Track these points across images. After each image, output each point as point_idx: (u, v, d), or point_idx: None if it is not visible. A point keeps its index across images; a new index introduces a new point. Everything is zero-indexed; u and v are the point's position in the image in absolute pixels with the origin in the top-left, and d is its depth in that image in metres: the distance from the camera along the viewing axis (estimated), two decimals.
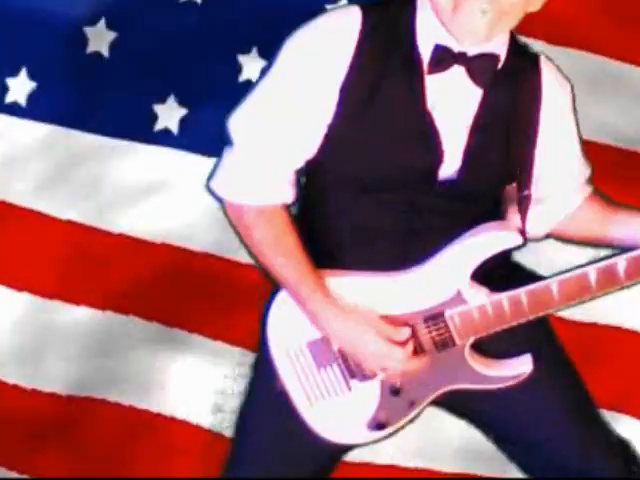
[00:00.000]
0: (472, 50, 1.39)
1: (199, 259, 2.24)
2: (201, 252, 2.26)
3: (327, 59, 1.40)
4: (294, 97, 1.42)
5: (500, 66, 1.44)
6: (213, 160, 2.10)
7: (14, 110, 2.24)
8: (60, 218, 2.25)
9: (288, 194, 1.46)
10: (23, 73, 2.24)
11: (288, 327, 1.47)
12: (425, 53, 1.40)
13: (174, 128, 2.25)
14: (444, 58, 1.40)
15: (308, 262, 1.44)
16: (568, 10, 2.01)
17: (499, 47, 1.43)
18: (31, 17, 2.24)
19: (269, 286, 1.51)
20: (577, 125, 1.55)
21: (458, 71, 1.40)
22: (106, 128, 2.25)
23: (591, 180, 1.59)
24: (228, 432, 1.76)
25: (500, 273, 1.47)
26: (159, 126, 2.24)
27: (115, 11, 2.25)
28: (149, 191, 2.28)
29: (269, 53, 2.15)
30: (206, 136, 2.16)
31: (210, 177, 1.51)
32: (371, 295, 1.45)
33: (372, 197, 1.44)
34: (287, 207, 1.47)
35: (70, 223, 2.25)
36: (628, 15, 2.18)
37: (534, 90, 1.48)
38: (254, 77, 2.15)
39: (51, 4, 2.24)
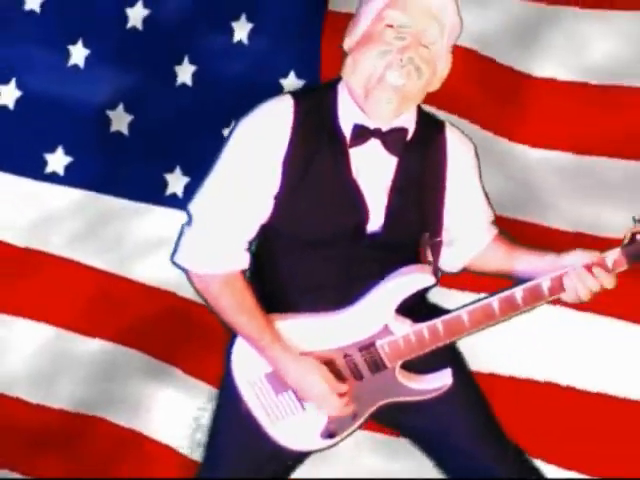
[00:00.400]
0: (385, 126, 1.63)
1: (190, 305, 2.39)
2: (191, 300, 2.45)
3: (269, 141, 1.62)
4: (244, 176, 1.62)
5: (410, 137, 1.67)
6: None
7: (53, 179, 2.68)
8: (87, 265, 2.63)
9: (245, 260, 1.67)
10: (60, 149, 2.68)
11: (248, 363, 1.70)
12: (347, 131, 1.64)
13: (180, 193, 2.64)
14: (362, 134, 1.63)
15: (265, 318, 1.65)
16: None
17: (408, 121, 1.67)
18: (65, 103, 2.66)
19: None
20: (480, 178, 1.79)
21: (375, 144, 1.63)
22: (127, 193, 2.65)
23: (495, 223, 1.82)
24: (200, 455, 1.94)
25: (420, 307, 1.70)
26: (169, 191, 2.64)
27: (130, 96, 2.66)
28: (160, 245, 2.54)
29: None
30: None
31: (174, 252, 1.69)
32: (314, 332, 1.67)
33: (314, 252, 1.65)
34: (243, 271, 1.68)
35: (95, 270, 2.63)
36: (495, 88, 2.36)
37: (441, 154, 1.71)
38: None
39: (80, 92, 2.66)
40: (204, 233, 1.65)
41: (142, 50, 2.67)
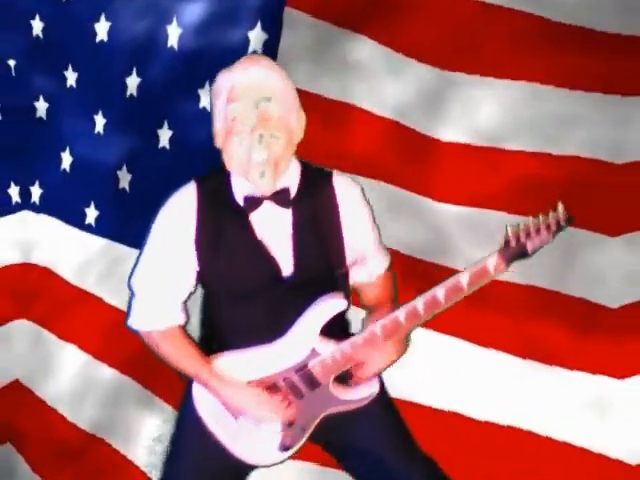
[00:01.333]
0: (271, 190, 1.87)
1: None
2: None
3: (179, 225, 1.90)
4: (166, 255, 1.91)
5: (295, 191, 1.91)
6: None
7: (90, 229, 3.23)
8: (107, 302, 3.11)
9: (180, 317, 1.96)
10: (92, 204, 3.22)
11: (207, 395, 1.97)
12: (241, 202, 1.89)
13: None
14: (253, 202, 1.88)
15: (202, 358, 1.93)
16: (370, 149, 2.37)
17: (289, 180, 1.90)
18: (94, 166, 3.18)
19: None
20: (372, 214, 2.00)
21: (268, 204, 1.88)
22: (130, 241, 3.00)
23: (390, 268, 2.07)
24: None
25: (343, 327, 1.99)
26: None
27: (129, 158, 3.07)
28: None
29: None
30: None
31: (126, 318, 2.01)
32: (255, 363, 1.93)
33: (243, 301, 1.90)
34: (181, 326, 1.97)
35: (112, 307, 3.07)
36: (407, 152, 2.56)
37: (331, 197, 1.93)
38: None
39: (102, 156, 3.15)
40: (143, 301, 1.96)
41: (136, 116, 3.05)
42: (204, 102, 2.84)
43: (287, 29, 2.70)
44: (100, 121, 3.15)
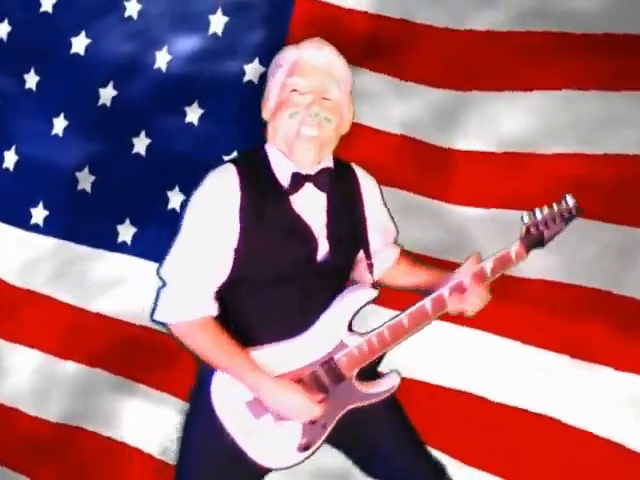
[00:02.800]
0: (312, 171, 1.88)
1: (150, 332, 2.68)
2: (153, 328, 2.67)
3: (225, 203, 1.82)
4: (206, 238, 1.82)
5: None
6: (155, 264, 2.93)
7: (37, 229, 3.25)
8: (60, 300, 3.13)
9: (214, 308, 1.85)
10: (40, 204, 3.25)
11: (228, 395, 1.87)
12: (284, 180, 1.87)
13: (129, 241, 3.10)
14: (298, 180, 1.87)
15: (241, 350, 1.83)
16: (381, 162, 2.46)
17: (329, 162, 1.93)
18: (46, 166, 3.24)
19: None
20: (384, 202, 2.05)
21: (308, 186, 1.88)
22: (88, 240, 3.16)
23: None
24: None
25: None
26: (120, 239, 3.11)
27: (95, 160, 3.19)
28: (115, 284, 3.08)
29: (187, 190, 3.00)
30: (150, 247, 2.93)
31: (153, 312, 1.87)
32: (281, 358, 1.86)
33: (272, 290, 1.84)
34: (214, 317, 1.85)
35: (66, 305, 3.12)
36: (425, 163, 2.71)
37: (355, 185, 1.98)
38: (177, 207, 3.02)
39: (57, 157, 3.23)
40: (176, 290, 1.85)
41: (108, 123, 3.19)
42: (190, 118, 3.05)
43: None
44: (60, 124, 3.25)
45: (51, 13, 3.26)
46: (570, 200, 1.86)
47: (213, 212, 1.84)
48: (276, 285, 1.85)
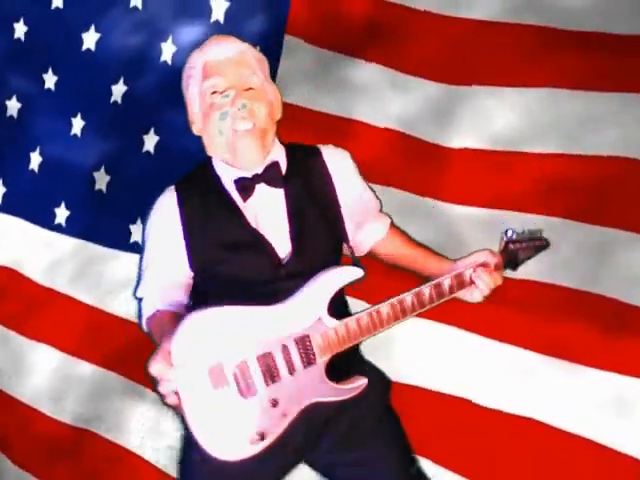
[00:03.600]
0: (261, 168, 1.81)
1: None
2: None
3: (164, 223, 1.86)
4: (158, 253, 1.88)
5: (285, 169, 1.84)
6: None
7: (60, 229, 3.27)
8: (80, 300, 3.15)
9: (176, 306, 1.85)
10: (63, 204, 3.27)
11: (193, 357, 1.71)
12: (231, 189, 1.82)
13: (141, 241, 3.06)
14: (245, 185, 1.80)
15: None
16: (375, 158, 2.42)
17: (278, 157, 1.85)
18: (67, 166, 3.26)
19: None
20: (362, 177, 1.96)
21: (260, 188, 1.81)
22: (104, 240, 3.15)
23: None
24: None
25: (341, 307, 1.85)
26: (132, 239, 3.08)
27: (109, 160, 3.17)
28: (128, 285, 2.91)
29: None
30: None
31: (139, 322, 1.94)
32: (249, 322, 1.73)
33: (240, 295, 1.74)
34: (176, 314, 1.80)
35: (85, 305, 3.13)
36: (418, 160, 2.64)
37: (323, 171, 1.87)
38: None
39: (76, 157, 3.23)
40: (147, 285, 1.92)
41: (120, 121, 3.15)
42: None
43: (286, 54, 2.79)
44: (78, 124, 3.24)
45: (62, 8, 3.24)
46: (542, 232, 1.87)
47: (158, 234, 1.88)
48: (242, 293, 1.76)
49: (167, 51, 3.05)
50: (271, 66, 2.70)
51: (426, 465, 2.16)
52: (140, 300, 1.93)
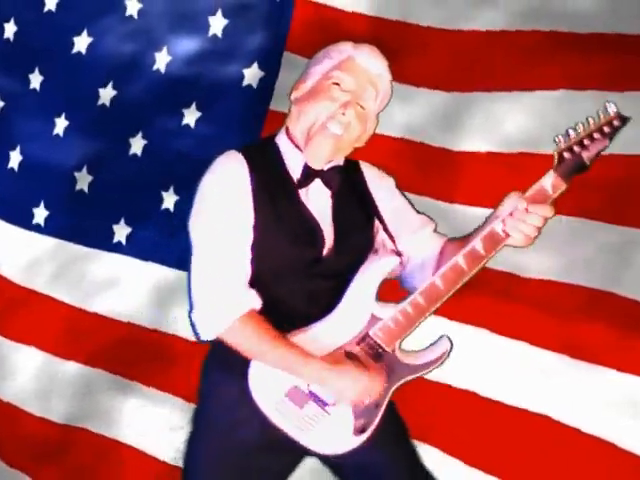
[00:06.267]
0: (325, 167, 1.86)
1: (148, 332, 2.92)
2: (149, 327, 2.95)
3: (237, 193, 1.77)
4: (225, 233, 1.75)
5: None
6: (148, 263, 2.87)
7: (39, 229, 3.26)
8: (60, 300, 3.14)
9: (249, 299, 1.75)
10: (42, 204, 3.26)
11: (268, 386, 1.79)
12: (294, 173, 1.84)
13: (124, 241, 3.10)
14: (309, 174, 1.84)
15: (287, 343, 1.74)
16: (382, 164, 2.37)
17: (339, 161, 1.91)
18: (47, 166, 3.25)
19: (200, 350, 1.93)
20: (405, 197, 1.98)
21: (317, 182, 1.86)
22: (85, 240, 3.16)
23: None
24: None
25: None
26: (115, 239, 3.11)
27: (92, 161, 3.19)
28: (110, 284, 3.09)
29: (182, 191, 2.98)
30: (143, 247, 3.06)
31: (197, 336, 1.80)
32: (313, 341, 1.76)
33: (275, 283, 1.79)
34: (257, 311, 1.76)
35: (66, 305, 3.13)
36: (428, 161, 2.69)
37: (362, 184, 1.94)
38: (171, 207, 3.03)
39: (58, 157, 3.23)
40: (205, 305, 1.76)
41: (106, 124, 3.19)
42: (188, 120, 3.04)
43: (285, 70, 2.84)
44: (61, 124, 3.26)
45: (54, 12, 3.27)
46: (611, 108, 1.63)
47: (226, 203, 1.78)
48: (277, 280, 1.79)
49: (161, 60, 3.11)
50: (270, 81, 2.88)
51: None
52: (197, 311, 1.78)
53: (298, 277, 1.81)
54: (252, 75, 2.95)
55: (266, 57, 2.91)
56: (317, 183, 1.86)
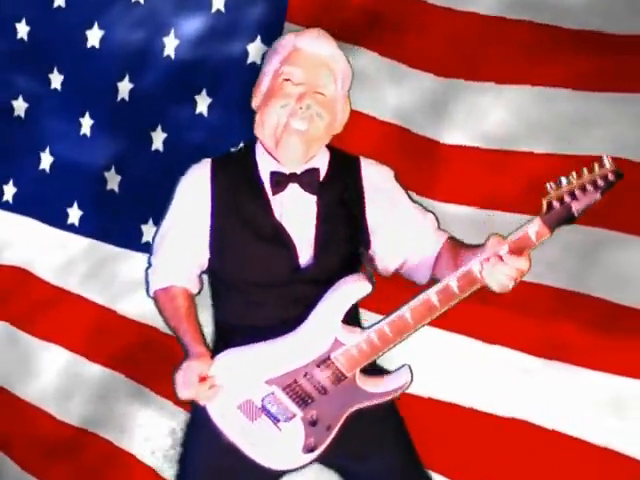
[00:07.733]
0: (298, 170, 1.79)
1: (165, 337, 2.81)
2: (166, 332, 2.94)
3: (194, 198, 1.82)
4: (181, 224, 1.84)
5: (323, 176, 1.81)
6: None
7: (73, 229, 3.25)
8: (91, 300, 3.13)
9: (187, 283, 1.84)
10: (75, 204, 3.24)
11: (220, 397, 1.75)
12: (265, 179, 1.80)
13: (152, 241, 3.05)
14: (279, 180, 1.78)
15: (193, 322, 1.81)
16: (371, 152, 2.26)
17: (319, 162, 1.82)
18: (78, 166, 3.22)
19: None
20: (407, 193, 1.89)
21: (294, 187, 1.78)
22: (116, 240, 3.13)
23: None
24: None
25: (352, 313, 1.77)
26: (144, 240, 3.05)
27: (119, 160, 3.13)
28: (138, 286, 3.00)
29: None
30: None
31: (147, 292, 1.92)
32: (269, 360, 1.74)
33: (254, 293, 1.77)
34: (190, 295, 1.85)
35: (96, 305, 3.11)
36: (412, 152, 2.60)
37: (356, 184, 1.82)
38: None
39: (87, 157, 3.20)
40: (155, 267, 1.90)
41: (128, 119, 3.11)
42: (200, 108, 2.95)
43: None
44: (87, 123, 3.21)
45: (64, 7, 3.20)
46: (607, 163, 1.55)
47: (186, 203, 1.85)
48: (256, 290, 1.77)
49: (170, 45, 3.02)
50: None
51: None
52: (150, 266, 1.92)
53: (276, 286, 1.77)
54: (256, 51, 2.85)
55: (267, 29, 2.82)
56: (293, 188, 1.79)
